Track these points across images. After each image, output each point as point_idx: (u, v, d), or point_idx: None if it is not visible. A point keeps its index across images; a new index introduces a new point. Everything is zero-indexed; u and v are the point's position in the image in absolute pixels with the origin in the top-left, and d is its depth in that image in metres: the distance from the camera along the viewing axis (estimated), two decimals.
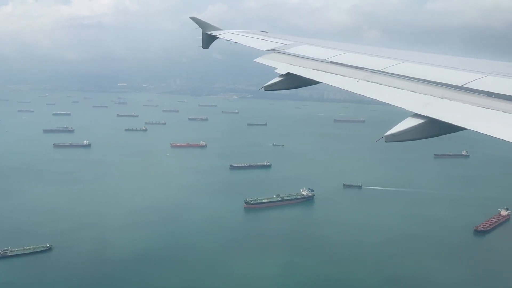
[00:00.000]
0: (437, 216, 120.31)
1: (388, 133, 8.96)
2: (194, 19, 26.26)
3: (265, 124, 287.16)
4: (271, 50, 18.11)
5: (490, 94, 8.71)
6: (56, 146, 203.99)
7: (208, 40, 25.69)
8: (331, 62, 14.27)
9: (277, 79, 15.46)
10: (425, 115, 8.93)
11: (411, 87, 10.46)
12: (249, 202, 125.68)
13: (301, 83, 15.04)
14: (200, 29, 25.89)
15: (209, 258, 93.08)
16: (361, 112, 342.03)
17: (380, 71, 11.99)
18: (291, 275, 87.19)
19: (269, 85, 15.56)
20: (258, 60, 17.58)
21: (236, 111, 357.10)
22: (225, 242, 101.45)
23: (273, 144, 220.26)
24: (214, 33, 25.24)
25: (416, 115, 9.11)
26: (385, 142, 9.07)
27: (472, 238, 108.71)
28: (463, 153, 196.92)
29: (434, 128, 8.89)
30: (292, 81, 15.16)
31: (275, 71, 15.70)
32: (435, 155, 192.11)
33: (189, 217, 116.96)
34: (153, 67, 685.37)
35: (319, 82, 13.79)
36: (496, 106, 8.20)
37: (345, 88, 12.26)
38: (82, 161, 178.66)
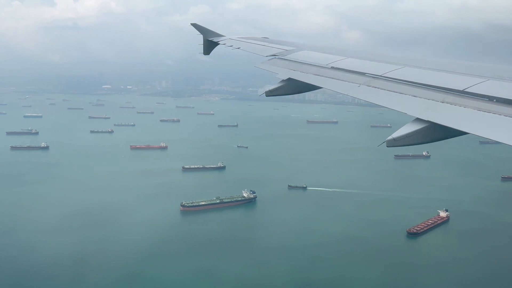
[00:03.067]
0: (375, 218, 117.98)
1: (389, 137, 8.86)
2: (195, 25, 25.67)
3: (236, 126, 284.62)
4: (272, 56, 18.13)
5: (491, 99, 8.66)
6: (13, 148, 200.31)
7: (209, 46, 25.55)
8: (332, 68, 14.21)
9: (278, 84, 15.39)
10: (426, 119, 8.86)
11: (412, 91, 10.41)
12: (186, 205, 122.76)
13: (302, 88, 15.08)
14: (202, 36, 25.65)
15: (128, 263, 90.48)
16: (338, 113, 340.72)
17: (381, 76, 11.96)
18: (207, 280, 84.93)
19: (270, 91, 15.51)
20: (259, 66, 17.61)
21: (212, 112, 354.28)
22: (150, 246, 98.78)
23: (238, 146, 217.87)
24: (215, 39, 25.09)
25: (417, 120, 9.05)
26: (387, 146, 8.98)
27: (403, 241, 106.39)
28: (424, 153, 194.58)
29: (435, 133, 8.86)
30: (294, 86, 15.18)
31: (277, 76, 15.70)
32: (395, 155, 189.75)
33: (122, 221, 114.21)
34: (139, 69, 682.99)
35: (320, 87, 13.85)
36: (498, 110, 8.15)
37: (346, 93, 12.27)
38: (35, 163, 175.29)
